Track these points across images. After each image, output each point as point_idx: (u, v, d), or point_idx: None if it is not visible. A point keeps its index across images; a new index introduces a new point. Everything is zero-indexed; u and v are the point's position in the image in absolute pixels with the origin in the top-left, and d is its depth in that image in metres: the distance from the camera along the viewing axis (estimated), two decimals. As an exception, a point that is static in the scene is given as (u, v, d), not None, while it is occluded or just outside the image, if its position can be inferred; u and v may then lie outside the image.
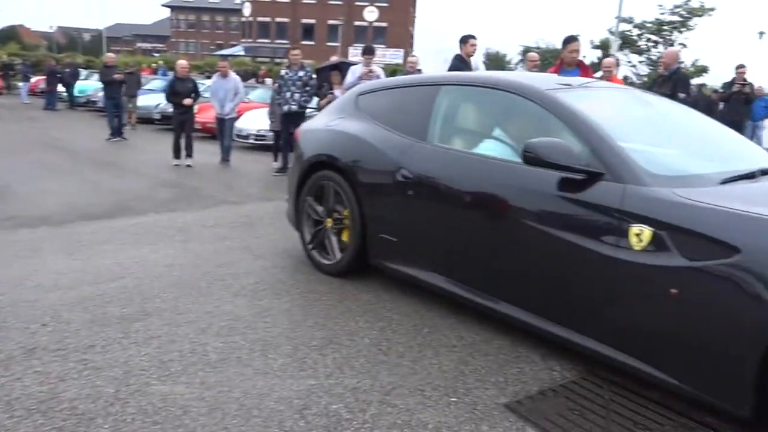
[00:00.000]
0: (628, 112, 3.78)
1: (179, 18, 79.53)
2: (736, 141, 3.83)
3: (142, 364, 2.91)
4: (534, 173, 3.06)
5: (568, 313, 2.98)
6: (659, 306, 2.60)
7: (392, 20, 56.18)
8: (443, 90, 3.88)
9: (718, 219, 2.49)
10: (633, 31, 16.82)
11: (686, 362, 2.56)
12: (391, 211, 3.84)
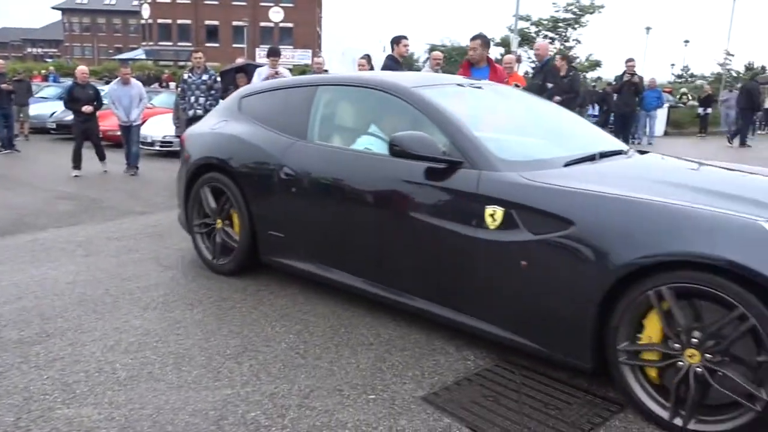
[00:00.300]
0: (487, 106, 4.09)
1: (72, 21, 75.49)
2: (583, 128, 4.23)
3: (44, 388, 2.76)
4: (403, 164, 3.27)
5: (440, 292, 3.22)
6: (513, 278, 2.88)
7: (298, 21, 55.75)
8: (320, 90, 4.06)
9: (556, 196, 2.80)
10: (531, 28, 17.57)
11: (540, 327, 2.86)
12: (276, 208, 3.98)
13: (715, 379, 2.37)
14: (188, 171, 4.51)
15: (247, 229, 4.13)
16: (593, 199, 2.71)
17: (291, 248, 3.96)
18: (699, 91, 24.76)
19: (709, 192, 2.82)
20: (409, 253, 3.33)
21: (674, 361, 2.46)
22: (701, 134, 19.77)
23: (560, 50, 16.05)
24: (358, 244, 3.62)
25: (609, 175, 3.18)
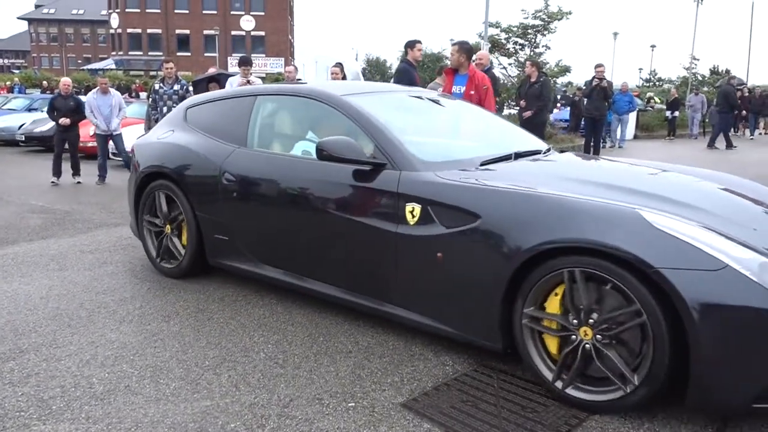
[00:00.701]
0: (417, 113, 4.33)
1: (39, 31, 74.33)
2: (506, 131, 4.52)
3: (19, 404, 2.72)
4: (334, 168, 3.48)
5: (369, 285, 3.45)
6: (431, 269, 3.11)
7: (270, 29, 55.67)
8: (259, 100, 4.28)
9: (465, 193, 3.07)
10: (501, 35, 17.77)
11: (456, 313, 3.09)
12: (220, 212, 4.16)
13: (599, 357, 2.63)
14: (137, 179, 4.70)
15: (194, 233, 4.32)
16: (496, 194, 2.98)
17: (236, 250, 4.13)
18: (667, 94, 25.29)
19: (610, 186, 3.12)
20: (341, 251, 3.56)
21: (569, 333, 2.71)
22: (670, 137, 20.18)
23: (530, 57, 16.24)
24: (296, 244, 3.83)
25: (519, 172, 3.45)
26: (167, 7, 54.91)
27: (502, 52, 17.58)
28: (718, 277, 2.39)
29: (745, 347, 2.41)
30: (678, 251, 2.46)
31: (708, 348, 2.40)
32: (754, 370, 2.41)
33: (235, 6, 55.70)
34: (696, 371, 2.43)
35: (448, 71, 6.81)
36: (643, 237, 2.51)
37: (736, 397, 2.46)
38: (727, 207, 3.13)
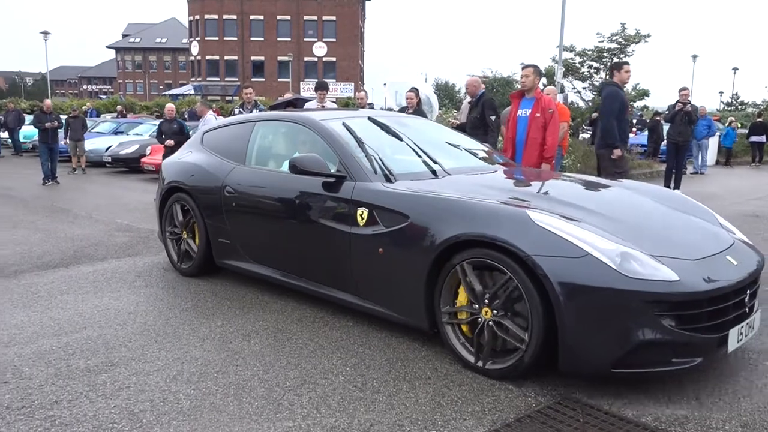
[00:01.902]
0: (383, 132, 4.75)
1: (125, 59, 78.73)
2: (465, 149, 4.97)
3: (112, 417, 2.83)
4: (309, 180, 4.14)
5: (333, 278, 4.08)
6: (375, 262, 3.73)
7: (341, 55, 56.91)
8: (257, 125, 5.05)
9: (400, 198, 3.69)
10: (575, 58, 17.49)
11: (393, 298, 3.69)
12: (223, 219, 4.86)
13: (500, 330, 3.19)
14: (161, 193, 5.47)
15: (204, 238, 5.05)
16: (421, 199, 3.63)
17: (235, 252, 4.84)
18: (750, 118, 24.13)
19: (526, 193, 3.85)
20: (314, 250, 4.19)
21: (475, 317, 3.28)
22: (755, 163, 19.21)
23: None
24: (279, 245, 4.53)
25: (453, 183, 3.94)
26: (244, 35, 57.13)
27: (576, 76, 17.30)
28: (580, 263, 2.95)
29: (602, 321, 2.94)
30: (550, 242, 3.03)
31: (572, 321, 2.95)
32: (610, 341, 2.93)
33: (308, 33, 57.33)
34: (564, 340, 2.97)
35: (514, 95, 6.74)
36: (525, 231, 3.10)
37: (597, 363, 2.99)
38: (628, 212, 3.64)
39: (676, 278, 2.94)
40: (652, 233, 3.37)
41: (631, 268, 2.93)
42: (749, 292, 3.26)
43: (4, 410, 2.88)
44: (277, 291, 4.71)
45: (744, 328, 3.17)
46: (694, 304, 2.97)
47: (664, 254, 3.11)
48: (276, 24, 57.18)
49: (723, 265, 3.25)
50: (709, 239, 3.52)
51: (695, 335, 2.96)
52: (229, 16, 56.89)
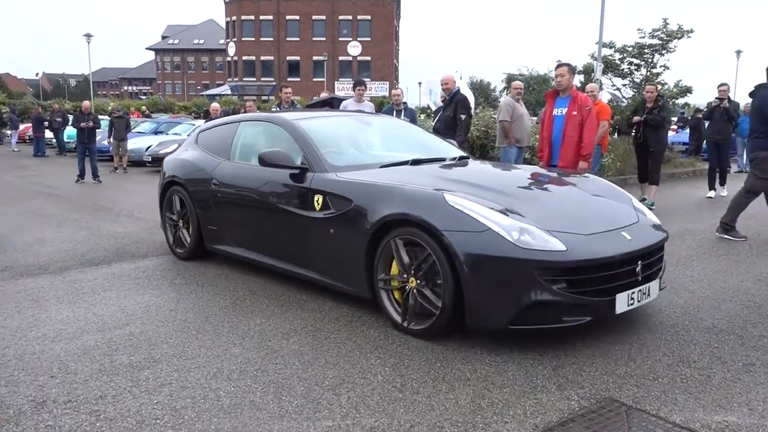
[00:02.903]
0: (347, 130, 5.50)
1: (164, 60, 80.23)
2: (423, 143, 5.58)
3: (155, 412, 2.87)
4: (279, 172, 4.69)
5: (298, 257, 4.66)
6: (328, 241, 4.32)
7: (376, 54, 56.99)
8: (241, 125, 5.66)
9: (345, 186, 4.27)
10: (615, 55, 17.14)
11: (343, 272, 4.28)
12: (211, 208, 5.47)
13: (421, 296, 3.72)
14: (161, 185, 6.15)
15: (196, 225, 5.66)
16: (362, 186, 4.19)
17: (221, 237, 5.46)
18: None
19: (457, 181, 4.18)
20: (281, 233, 4.78)
21: (404, 285, 3.83)
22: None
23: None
24: (255, 229, 5.13)
25: (396, 172, 4.43)
26: (279, 36, 57.69)
27: (615, 73, 16.96)
28: (482, 237, 3.48)
29: (499, 285, 3.47)
30: (459, 220, 3.56)
31: (474, 286, 3.48)
32: (506, 302, 3.46)
33: (343, 33, 57.58)
34: (468, 302, 3.51)
35: (549, 94, 6.61)
36: (439, 211, 3.63)
37: (496, 321, 3.53)
38: (539, 195, 4.24)
39: (563, 248, 3.46)
40: (555, 212, 3.86)
41: (524, 240, 3.44)
42: (642, 263, 3.71)
43: (51, 404, 2.95)
44: (314, 290, 4.73)
45: (636, 294, 3.68)
46: (579, 271, 3.49)
47: (559, 229, 3.60)
48: (311, 24, 57.58)
49: (615, 239, 3.74)
50: (610, 217, 4.02)
51: (583, 298, 3.49)
52: (265, 17, 57.51)
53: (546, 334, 3.66)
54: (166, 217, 6.08)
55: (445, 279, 3.55)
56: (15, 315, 4.27)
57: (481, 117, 11.55)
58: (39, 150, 21.38)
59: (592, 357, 3.49)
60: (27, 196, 10.98)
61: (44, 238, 6.98)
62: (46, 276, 5.34)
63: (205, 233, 5.59)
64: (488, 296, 3.50)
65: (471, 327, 3.61)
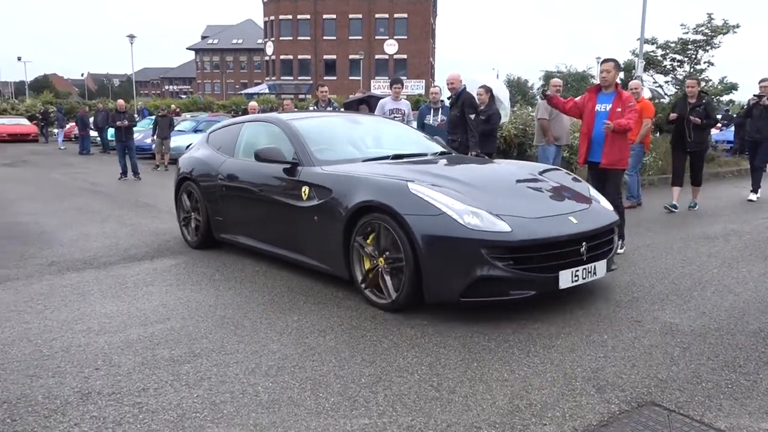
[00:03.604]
0: (336, 128, 6.11)
1: (204, 60, 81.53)
2: (407, 141, 6.05)
3: (195, 406, 2.92)
4: (274, 167, 5.18)
5: (291, 243, 5.14)
6: (313, 228, 4.81)
7: (412, 52, 56.87)
8: (245, 125, 6.22)
9: (327, 178, 4.77)
10: (657, 51, 16.75)
11: (326, 255, 4.77)
12: (217, 201, 5.99)
13: (388, 273, 4.24)
14: (176, 181, 6.71)
15: (205, 217, 6.16)
16: (340, 177, 4.70)
17: (226, 227, 5.96)
18: None
19: (425, 173, 4.62)
20: (276, 221, 5.26)
21: (376, 265, 4.32)
22: None
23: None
24: (255, 219, 5.59)
25: (377, 166, 4.91)
26: (316, 35, 58.07)
27: (657, 70, 16.58)
28: (437, 219, 3.97)
29: (452, 262, 3.94)
30: (419, 205, 4.06)
31: (430, 263, 3.98)
32: (458, 277, 3.93)
33: (380, 31, 57.64)
34: (425, 278, 4.01)
35: (591, 90, 6.45)
36: (403, 198, 4.14)
37: (449, 294, 4.01)
38: (496, 185, 4.61)
39: (508, 230, 3.93)
40: (508, 199, 4.34)
41: (473, 223, 3.93)
42: (586, 244, 4.15)
43: (96, 395, 3.03)
44: (350, 287, 4.75)
45: (580, 271, 4.13)
46: (523, 250, 3.94)
47: (508, 213, 4.07)
48: (348, 23, 57.79)
49: (561, 222, 4.18)
50: (560, 203, 4.51)
51: (528, 274, 3.95)
52: (302, 16, 57.95)
53: (587, 340, 3.60)
54: (180, 209, 6.62)
55: (406, 257, 4.06)
56: (62, 308, 4.41)
57: (518, 115, 11.42)
58: (84, 148, 21.98)
59: (633, 360, 3.42)
60: (72, 192, 11.30)
61: (89, 234, 7.18)
62: (91, 270, 5.49)
63: (213, 224, 6.08)
64: (442, 272, 3.99)
65: (428, 300, 4.09)
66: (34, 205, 9.53)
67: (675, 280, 5.06)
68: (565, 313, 4.23)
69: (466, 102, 7.73)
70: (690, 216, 8.31)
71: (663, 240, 6.70)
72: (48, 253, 6.21)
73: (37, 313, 4.29)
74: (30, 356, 3.53)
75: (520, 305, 4.29)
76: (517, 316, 4.14)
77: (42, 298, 4.67)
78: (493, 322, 4.01)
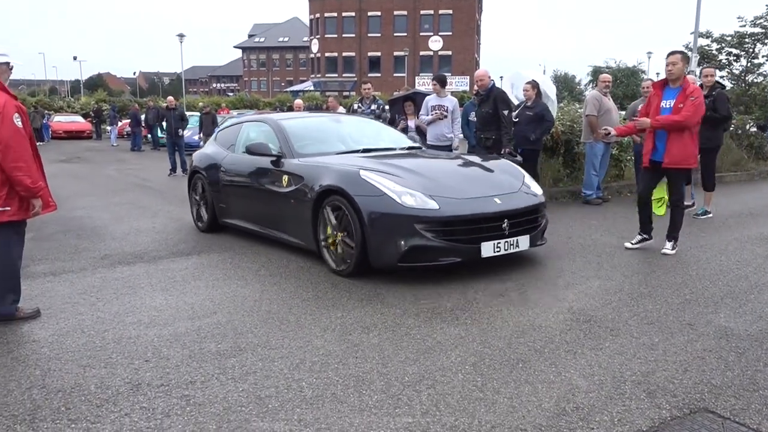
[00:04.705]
0: (319, 126, 7.02)
1: (250, 58, 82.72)
2: (381, 137, 6.89)
3: (240, 400, 2.96)
4: (263, 159, 6.04)
5: (277, 224, 6.02)
6: (291, 210, 5.69)
7: (457, 48, 56.47)
8: (244, 125, 7.17)
9: (299, 167, 5.67)
10: (711, 45, 16.20)
11: (300, 233, 5.63)
12: (220, 190, 6.86)
13: (344, 245, 5.08)
14: (189, 174, 7.65)
15: (210, 204, 7.01)
16: (309, 167, 5.57)
17: (229, 213, 6.81)
18: None
19: (384, 163, 5.48)
20: (266, 205, 6.13)
21: (336, 241, 5.14)
22: None
23: (748, 69, 14.57)
24: (250, 205, 6.44)
25: (346, 158, 5.74)
26: (361, 32, 58.24)
27: (712, 65, 16.01)
28: (379, 199, 4.84)
29: (390, 234, 4.79)
30: (366, 188, 4.92)
31: (373, 235, 4.82)
32: (395, 246, 4.77)
33: (424, 27, 57.42)
34: (370, 247, 4.84)
35: (656, 85, 6.10)
36: (355, 183, 5.01)
37: (389, 260, 4.85)
38: (436, 172, 5.43)
39: (436, 207, 4.79)
40: (443, 183, 5.12)
41: (409, 202, 4.80)
42: (508, 221, 4.98)
43: (146, 387, 3.10)
44: (393, 284, 4.74)
45: (502, 244, 4.95)
46: (449, 224, 4.81)
47: (440, 194, 4.91)
48: (393, 19, 57.76)
49: (486, 202, 5.01)
50: (489, 187, 5.26)
51: (453, 244, 4.81)
52: (347, 14, 58.20)
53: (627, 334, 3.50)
54: (192, 198, 7.44)
55: (356, 231, 4.91)
56: (113, 301, 4.53)
57: (566, 111, 11.18)
58: (136, 145, 22.59)
59: (685, 364, 3.32)
60: (124, 188, 11.63)
61: (140, 229, 7.37)
62: (141, 264, 5.63)
63: (217, 210, 6.93)
64: (383, 243, 4.84)
65: (373, 265, 4.92)
66: (88, 200, 9.85)
67: (730, 283, 4.89)
68: (612, 314, 4.12)
69: (499, 98, 7.58)
70: (746, 216, 8.00)
71: (716, 241, 6.47)
72: (101, 246, 6.40)
73: (90, 305, 4.43)
74: (83, 347, 3.64)
75: (566, 305, 4.20)
76: (562, 317, 4.07)
77: (95, 290, 4.81)
78: (537, 323, 3.95)
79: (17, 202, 3.99)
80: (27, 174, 3.91)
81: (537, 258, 5.68)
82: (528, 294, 4.60)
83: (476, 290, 4.69)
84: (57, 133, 29.37)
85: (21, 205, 4.02)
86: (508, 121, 7.53)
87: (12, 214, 3.98)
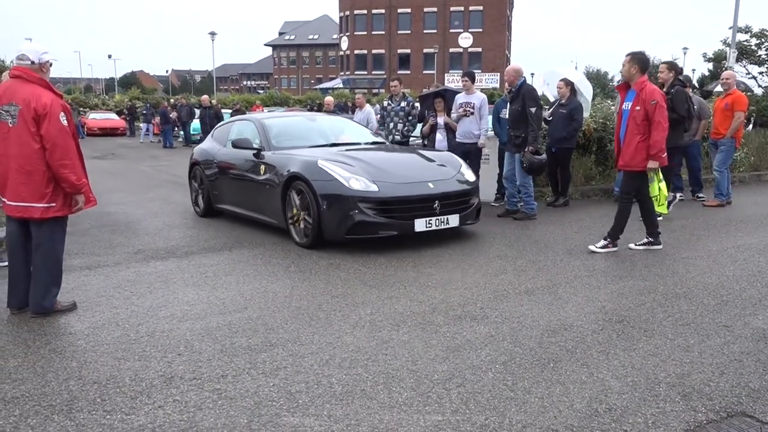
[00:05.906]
0: (297, 124, 8.21)
1: (281, 56, 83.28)
2: (350, 132, 7.91)
3: (271, 394, 2.99)
4: (247, 152, 6.99)
5: (257, 208, 6.93)
6: (267, 195, 6.63)
7: (487, 45, 56.05)
8: (235, 123, 8.19)
9: (273, 158, 6.67)
10: (751, 41, 15.77)
11: (273, 213, 6.59)
12: (214, 179, 7.77)
13: (306, 222, 6.08)
14: (189, 166, 8.52)
15: (207, 191, 7.92)
16: (281, 157, 6.55)
17: (221, 199, 7.69)
18: None
19: (344, 155, 6.45)
20: (247, 192, 7.07)
21: (299, 218, 6.14)
22: None
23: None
24: (237, 192, 7.34)
25: (314, 150, 6.71)
26: (391, 29, 58.21)
27: (751, 60, 15.63)
28: (331, 183, 5.88)
29: (338, 212, 5.82)
30: (322, 174, 5.96)
31: (325, 213, 5.85)
32: (343, 221, 5.82)
33: (454, 24, 57.13)
34: (323, 223, 5.91)
35: (620, 87, 6.04)
36: (313, 170, 6.04)
37: (338, 233, 5.87)
38: (383, 161, 6.44)
39: (376, 189, 5.83)
40: (385, 170, 6.14)
41: (353, 185, 5.83)
42: (439, 201, 6.03)
43: (179, 380, 3.15)
44: (423, 282, 4.73)
45: (433, 221, 5.99)
46: (386, 203, 5.85)
47: (381, 180, 5.93)
48: (422, 16, 57.59)
49: (419, 186, 6.05)
50: (426, 174, 6.30)
51: (389, 220, 5.85)
52: (377, 11, 58.21)
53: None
54: (192, 186, 8.39)
55: (312, 209, 5.91)
56: (147, 295, 4.61)
57: (598, 108, 11.01)
58: (167, 141, 22.94)
59: (722, 367, 3.24)
60: (157, 184, 11.82)
61: (172, 224, 7.49)
62: (174, 259, 5.72)
63: (212, 197, 7.83)
64: (333, 219, 5.84)
65: (326, 238, 5.92)
66: (122, 196, 10.04)
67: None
68: (646, 315, 4.05)
69: (527, 95, 7.45)
70: (785, 216, 7.79)
71: (755, 241, 6.31)
72: (135, 241, 6.52)
73: (124, 299, 4.51)
74: (118, 340, 3.71)
75: (598, 304, 4.14)
76: (594, 317, 4.01)
77: (129, 284, 4.90)
78: (569, 323, 3.90)
79: (62, 198, 4.10)
80: (72, 171, 4.02)
81: (569, 257, 5.61)
82: (559, 293, 4.55)
83: (506, 289, 4.66)
84: (92, 130, 29.97)
85: (65, 200, 4.13)
86: (536, 118, 7.42)
87: (57, 209, 4.09)
